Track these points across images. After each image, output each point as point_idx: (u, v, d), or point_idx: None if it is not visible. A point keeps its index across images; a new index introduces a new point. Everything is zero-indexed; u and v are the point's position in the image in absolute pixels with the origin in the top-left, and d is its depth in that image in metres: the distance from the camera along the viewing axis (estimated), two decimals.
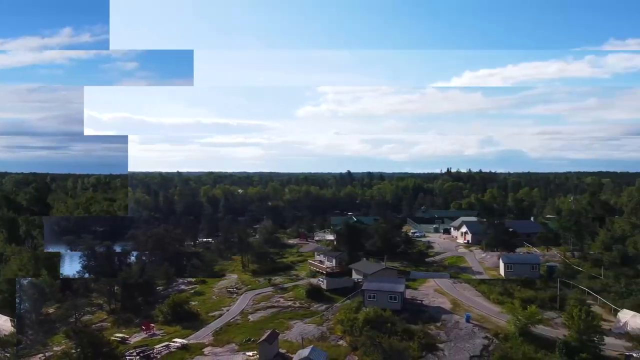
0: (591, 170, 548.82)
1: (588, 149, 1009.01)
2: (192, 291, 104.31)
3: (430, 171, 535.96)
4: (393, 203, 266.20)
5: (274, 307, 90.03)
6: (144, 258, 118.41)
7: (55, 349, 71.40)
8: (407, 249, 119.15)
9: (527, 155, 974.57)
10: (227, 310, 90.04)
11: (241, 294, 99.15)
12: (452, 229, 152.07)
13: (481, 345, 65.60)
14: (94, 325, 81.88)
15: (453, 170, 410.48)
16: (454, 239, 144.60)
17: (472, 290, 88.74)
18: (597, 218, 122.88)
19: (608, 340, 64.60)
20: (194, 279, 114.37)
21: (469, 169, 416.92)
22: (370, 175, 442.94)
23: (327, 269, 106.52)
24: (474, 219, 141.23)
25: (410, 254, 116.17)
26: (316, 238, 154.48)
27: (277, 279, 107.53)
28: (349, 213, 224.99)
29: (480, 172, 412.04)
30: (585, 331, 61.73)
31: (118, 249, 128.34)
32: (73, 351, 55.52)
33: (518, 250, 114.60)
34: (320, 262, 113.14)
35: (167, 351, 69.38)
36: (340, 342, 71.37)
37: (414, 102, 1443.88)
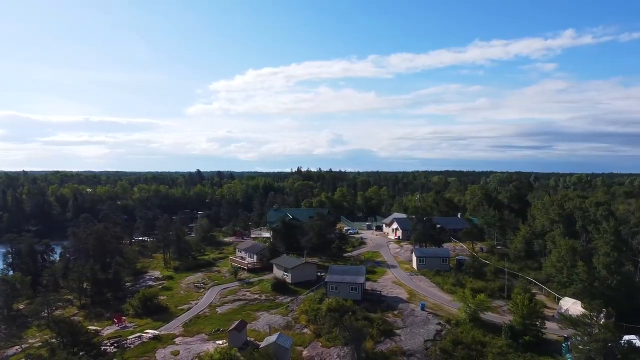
0: (439, 170, 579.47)
1: (436, 148, 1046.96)
2: (160, 286, 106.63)
3: (280, 170, 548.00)
4: (243, 202, 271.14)
5: (240, 300, 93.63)
6: (67, 255, 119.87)
7: (30, 341, 73.38)
8: (342, 245, 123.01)
9: (376, 155, 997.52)
10: (196, 304, 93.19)
11: (208, 289, 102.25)
12: (384, 225, 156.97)
13: (434, 330, 71.35)
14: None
15: (303, 169, 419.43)
16: (386, 235, 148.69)
17: (427, 282, 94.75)
18: (519, 214, 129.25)
19: (550, 325, 71.52)
20: (161, 275, 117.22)
21: (319, 168, 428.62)
22: (219, 174, 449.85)
23: (249, 265, 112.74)
24: (404, 216, 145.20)
25: (331, 249, 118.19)
26: (253, 235, 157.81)
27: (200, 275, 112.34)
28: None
29: (330, 171, 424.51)
30: (528, 316, 68.33)
31: (57, 247, 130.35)
32: (53, 340, 57.80)
33: (445, 245, 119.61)
34: (242, 258, 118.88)
35: (140, 341, 72.29)
36: (305, 330, 75.91)
37: (308, 101, 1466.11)
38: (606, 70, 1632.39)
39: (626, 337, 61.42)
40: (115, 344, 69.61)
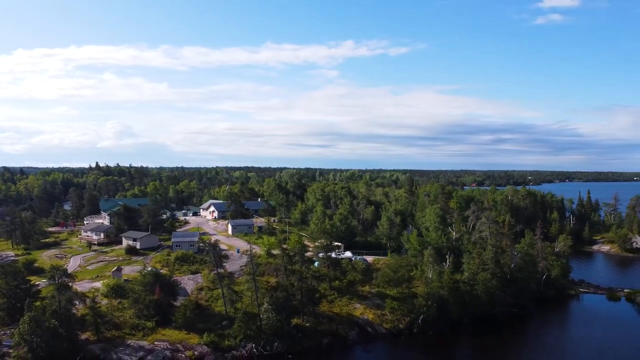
0: (239, 165, 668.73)
1: (234, 144, 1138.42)
2: (25, 260, 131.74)
3: (58, 165, 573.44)
4: (45, 197, 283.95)
5: (102, 261, 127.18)
6: None
7: None
8: (173, 223, 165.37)
9: (171, 149, 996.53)
10: (67, 266, 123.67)
11: (70, 258, 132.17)
12: (201, 210, 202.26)
13: (245, 261, 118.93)
14: None
15: (86, 164, 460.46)
16: (204, 217, 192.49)
17: (240, 240, 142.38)
18: (299, 197, 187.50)
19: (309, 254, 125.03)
20: (19, 253, 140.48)
21: (118, 163, 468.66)
22: (8, 169, 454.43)
23: (98, 240, 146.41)
24: (220, 201, 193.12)
25: (166, 227, 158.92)
26: (86, 222, 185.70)
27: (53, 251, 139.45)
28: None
29: (132, 166, 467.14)
30: (299, 250, 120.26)
31: None
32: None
33: (251, 219, 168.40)
34: (89, 236, 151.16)
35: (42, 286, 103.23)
36: (162, 270, 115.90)
37: (90, 87, 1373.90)
38: (379, 79, 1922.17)
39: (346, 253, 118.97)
40: None
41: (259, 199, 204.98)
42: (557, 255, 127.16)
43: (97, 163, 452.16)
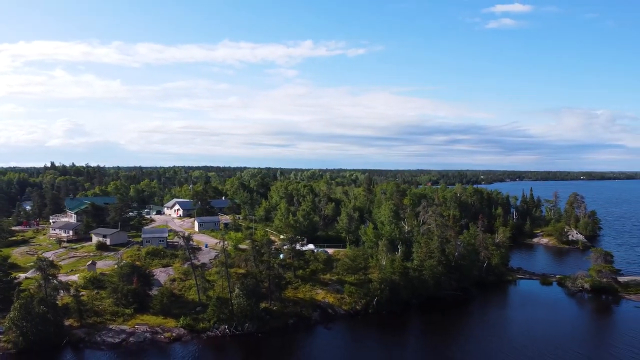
0: (196, 165, 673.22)
1: (190, 143, 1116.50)
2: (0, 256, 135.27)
3: (5, 165, 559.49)
4: (3, 196, 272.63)
5: (74, 257, 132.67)
6: None
7: None
8: (141, 220, 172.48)
9: (124, 148, 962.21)
10: None
11: (42, 254, 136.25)
12: (165, 209, 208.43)
13: (213, 255, 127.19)
14: None
15: (36, 163, 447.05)
16: (169, 215, 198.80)
17: (207, 236, 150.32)
18: (263, 195, 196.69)
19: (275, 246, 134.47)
20: None
21: (73, 163, 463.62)
22: None
23: (67, 238, 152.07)
24: (185, 200, 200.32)
25: (134, 224, 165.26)
26: (52, 221, 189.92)
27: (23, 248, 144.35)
28: None
29: (88, 166, 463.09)
30: (265, 244, 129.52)
31: None
32: None
33: (218, 217, 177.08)
34: (57, 233, 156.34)
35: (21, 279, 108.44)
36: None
37: (39, 84, 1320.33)
38: (338, 79, 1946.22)
39: (309, 245, 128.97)
40: None
41: (223, 198, 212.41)
42: (497, 245, 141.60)
43: (52, 163, 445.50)
